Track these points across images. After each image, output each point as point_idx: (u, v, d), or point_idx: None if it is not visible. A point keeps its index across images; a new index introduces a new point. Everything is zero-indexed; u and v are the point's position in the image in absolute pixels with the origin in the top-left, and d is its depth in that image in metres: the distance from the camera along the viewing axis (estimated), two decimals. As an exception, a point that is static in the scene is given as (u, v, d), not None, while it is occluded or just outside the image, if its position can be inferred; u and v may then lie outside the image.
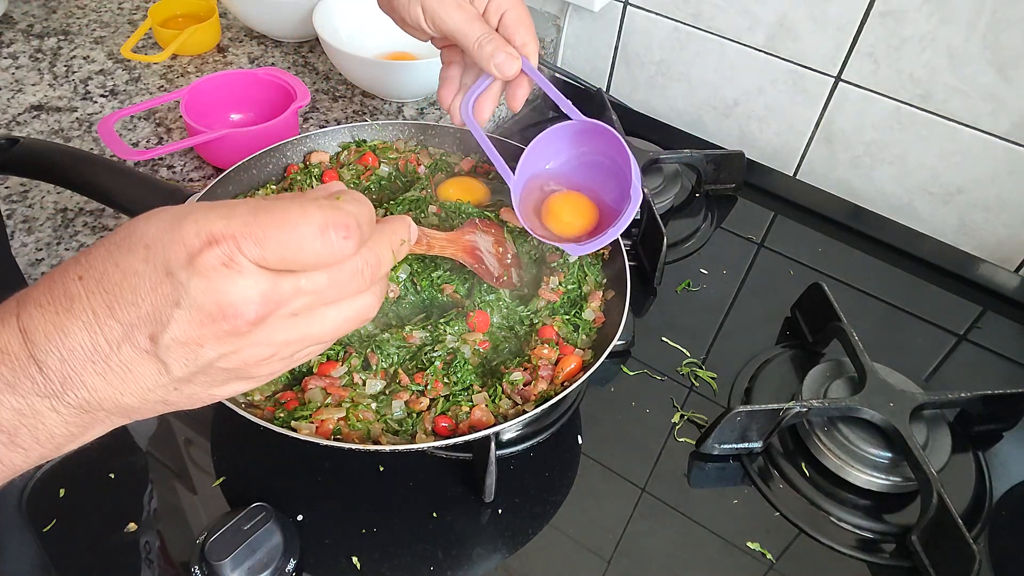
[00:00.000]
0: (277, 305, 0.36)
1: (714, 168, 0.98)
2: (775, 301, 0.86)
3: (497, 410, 0.62)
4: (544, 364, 0.65)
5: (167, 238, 0.35)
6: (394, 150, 0.85)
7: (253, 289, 0.35)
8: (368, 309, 0.41)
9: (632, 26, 1.06)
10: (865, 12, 0.88)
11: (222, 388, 0.39)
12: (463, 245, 0.66)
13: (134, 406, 0.37)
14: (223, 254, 0.34)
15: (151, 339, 0.35)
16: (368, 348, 0.64)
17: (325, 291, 0.38)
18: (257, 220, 0.35)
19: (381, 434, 0.60)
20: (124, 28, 1.15)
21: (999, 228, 0.93)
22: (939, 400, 0.71)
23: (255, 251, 0.35)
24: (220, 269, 0.34)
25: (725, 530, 0.65)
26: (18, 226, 0.82)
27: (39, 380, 0.35)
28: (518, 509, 0.65)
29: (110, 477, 0.64)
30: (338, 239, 0.37)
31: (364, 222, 0.39)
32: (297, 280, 0.36)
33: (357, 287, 0.39)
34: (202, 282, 0.34)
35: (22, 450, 0.36)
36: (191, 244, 0.34)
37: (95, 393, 0.36)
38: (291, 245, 0.35)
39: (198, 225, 0.34)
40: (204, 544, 0.54)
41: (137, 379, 0.36)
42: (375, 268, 0.40)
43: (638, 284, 0.85)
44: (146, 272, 0.34)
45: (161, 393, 0.37)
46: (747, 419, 0.68)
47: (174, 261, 0.34)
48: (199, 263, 0.34)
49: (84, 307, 0.35)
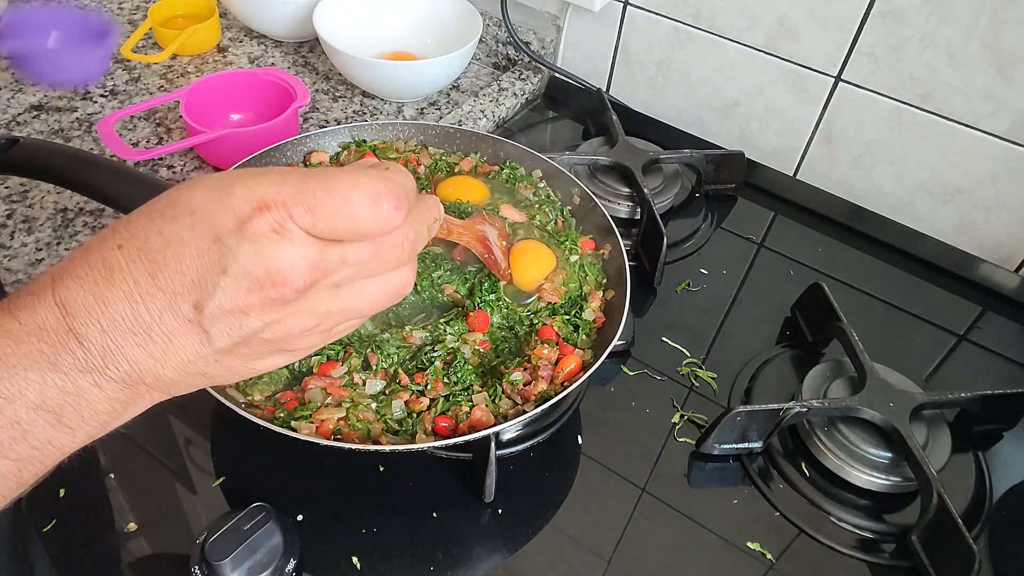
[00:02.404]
0: (324, 274, 0.35)
1: (714, 168, 0.98)
2: (775, 301, 0.86)
3: (497, 410, 0.62)
4: (544, 364, 0.65)
5: (215, 204, 0.34)
6: (394, 150, 0.85)
7: (303, 257, 0.34)
8: (405, 285, 0.41)
9: (632, 26, 1.06)
10: (865, 12, 0.88)
11: (261, 361, 0.39)
12: (476, 233, 0.67)
13: (174, 379, 0.37)
14: (274, 220, 0.34)
15: (195, 308, 0.34)
16: (368, 348, 0.64)
17: (368, 263, 0.37)
18: (309, 187, 0.34)
19: (381, 434, 0.60)
20: (124, 28, 1.15)
21: (999, 228, 0.93)
22: (939, 400, 0.71)
23: (306, 219, 0.34)
24: (271, 235, 0.34)
25: (725, 530, 0.65)
26: (18, 226, 0.82)
27: (80, 355, 0.34)
28: (518, 509, 0.65)
29: (110, 477, 0.64)
30: (389, 209, 0.36)
31: (412, 194, 0.38)
32: (344, 250, 0.36)
33: (397, 260, 0.39)
34: (252, 248, 0.33)
35: (69, 429, 0.36)
36: (241, 210, 0.33)
37: (136, 366, 0.35)
38: (343, 213, 0.35)
39: (248, 191, 0.34)
40: (204, 544, 0.54)
41: (179, 350, 0.35)
42: (414, 242, 0.40)
43: (638, 284, 0.85)
44: (192, 239, 0.34)
45: (201, 365, 0.36)
46: (747, 419, 0.68)
47: (223, 227, 0.33)
48: (249, 229, 0.33)
49: (125, 277, 0.34)
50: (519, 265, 0.72)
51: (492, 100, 1.08)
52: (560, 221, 0.81)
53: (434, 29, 1.11)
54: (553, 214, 0.80)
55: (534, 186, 0.83)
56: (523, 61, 1.16)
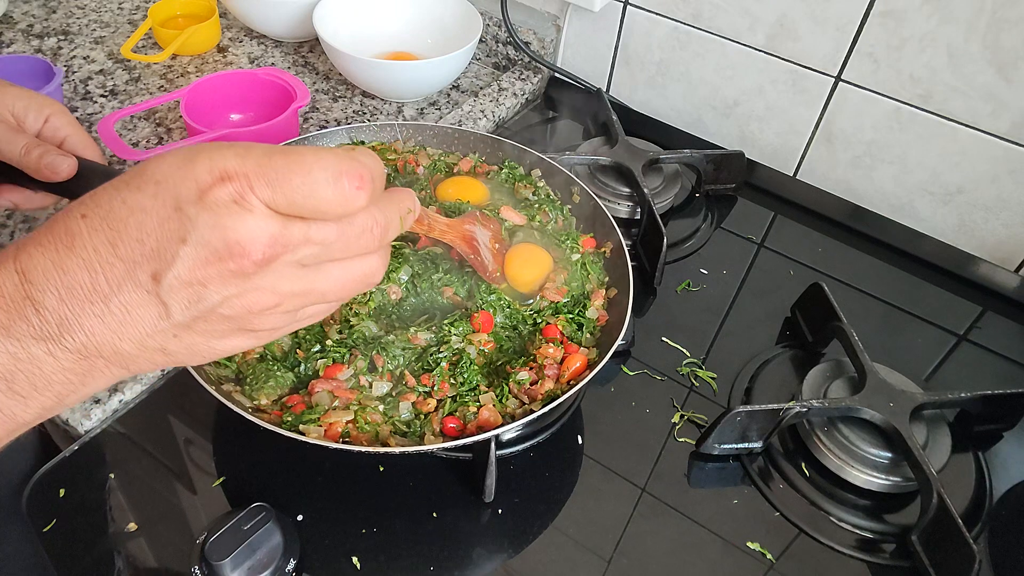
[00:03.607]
0: (284, 249, 0.35)
1: (714, 168, 0.98)
2: (775, 301, 0.86)
3: (504, 410, 0.62)
4: (550, 363, 0.66)
5: (179, 174, 0.34)
6: (392, 151, 0.85)
7: (262, 229, 0.34)
8: (374, 273, 0.41)
9: (632, 26, 1.06)
10: (865, 12, 0.88)
11: (223, 341, 0.38)
12: (462, 233, 0.67)
13: (132, 353, 0.36)
14: (235, 191, 0.34)
15: (154, 278, 0.34)
16: (373, 350, 0.64)
17: (334, 244, 0.37)
18: (272, 162, 0.34)
19: (389, 436, 0.60)
20: (124, 28, 1.15)
21: (999, 228, 0.93)
22: (939, 400, 0.71)
23: (266, 192, 0.34)
24: (230, 206, 0.34)
25: (725, 530, 0.65)
26: (18, 226, 0.82)
27: (35, 322, 0.34)
28: (518, 509, 0.65)
29: (110, 477, 0.64)
30: (351, 188, 0.36)
31: (377, 176, 0.38)
32: (307, 228, 0.36)
33: (365, 245, 0.39)
34: (211, 218, 0.33)
35: (21, 398, 0.35)
36: (203, 180, 0.33)
37: (93, 337, 0.35)
38: (303, 189, 0.35)
39: (212, 162, 0.34)
40: (204, 544, 0.54)
41: (136, 322, 0.35)
42: (384, 229, 0.39)
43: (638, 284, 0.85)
44: (154, 208, 0.34)
45: (160, 340, 0.36)
46: (747, 419, 0.68)
47: (184, 196, 0.33)
48: (209, 199, 0.33)
49: (85, 244, 0.34)
50: (516, 268, 0.72)
51: (492, 100, 1.08)
52: (560, 220, 0.81)
53: (434, 29, 1.11)
54: (553, 213, 0.80)
55: (533, 185, 0.83)
56: (523, 61, 1.16)
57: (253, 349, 0.65)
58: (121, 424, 0.67)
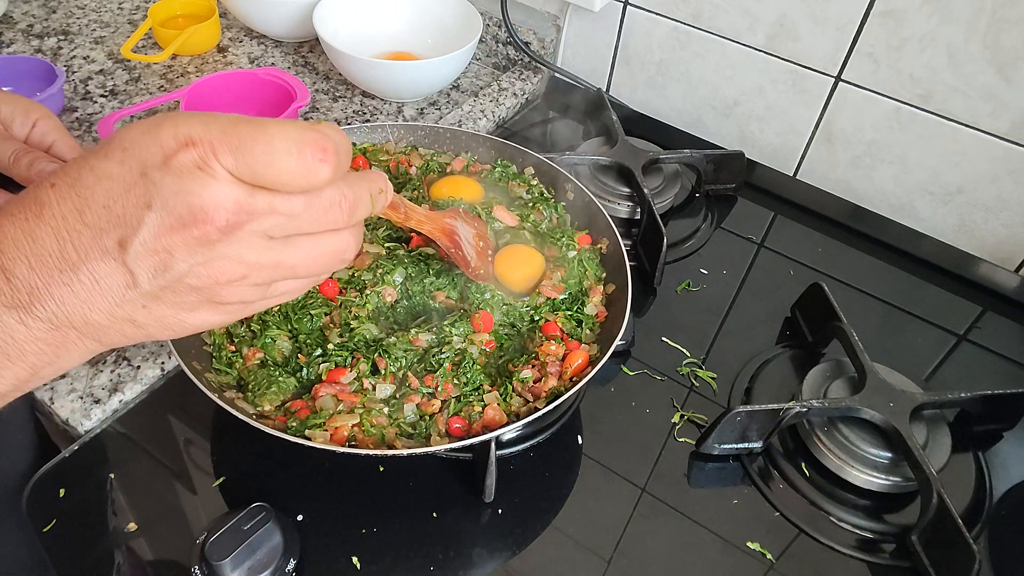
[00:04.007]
0: (249, 217, 0.35)
1: (714, 168, 0.98)
2: (775, 301, 0.86)
3: (509, 408, 0.63)
4: (552, 361, 0.66)
5: (145, 140, 0.34)
6: (385, 152, 0.84)
7: (226, 195, 0.34)
8: (344, 249, 0.41)
9: (632, 26, 1.06)
10: (865, 12, 0.88)
11: (192, 314, 0.38)
12: (441, 225, 0.66)
13: (102, 323, 0.36)
14: (198, 157, 0.34)
15: (120, 245, 0.34)
16: (375, 353, 0.64)
17: (301, 216, 0.37)
18: (236, 130, 0.35)
19: (395, 438, 0.60)
20: (124, 28, 1.15)
21: (999, 228, 0.93)
22: (939, 400, 0.71)
23: (230, 160, 0.34)
24: (194, 171, 0.34)
25: (725, 530, 0.65)
26: (18, 226, 0.82)
27: (6, 291, 0.34)
28: (518, 509, 0.65)
29: (110, 477, 0.64)
30: (314, 159, 0.36)
31: (342, 150, 0.38)
32: (273, 198, 0.36)
33: (333, 220, 0.39)
34: (175, 183, 0.34)
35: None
36: (168, 145, 0.34)
37: (63, 307, 0.35)
38: (265, 159, 0.35)
39: (176, 128, 0.34)
40: (204, 544, 0.54)
41: (105, 291, 0.35)
42: (352, 205, 0.39)
43: (638, 284, 0.85)
44: (120, 174, 0.34)
45: (129, 310, 0.36)
46: (747, 419, 0.68)
47: (150, 162, 0.34)
48: (173, 164, 0.34)
49: (54, 212, 0.34)
50: (507, 269, 0.72)
51: (492, 100, 1.08)
52: (555, 218, 0.81)
53: (434, 29, 1.11)
54: (547, 212, 0.80)
55: (527, 184, 0.83)
56: (523, 61, 1.16)
57: (252, 354, 0.65)
58: (121, 424, 0.67)
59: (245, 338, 0.66)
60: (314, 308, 0.67)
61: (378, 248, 0.72)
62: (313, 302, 0.67)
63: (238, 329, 0.66)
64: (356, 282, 0.69)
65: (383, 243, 0.73)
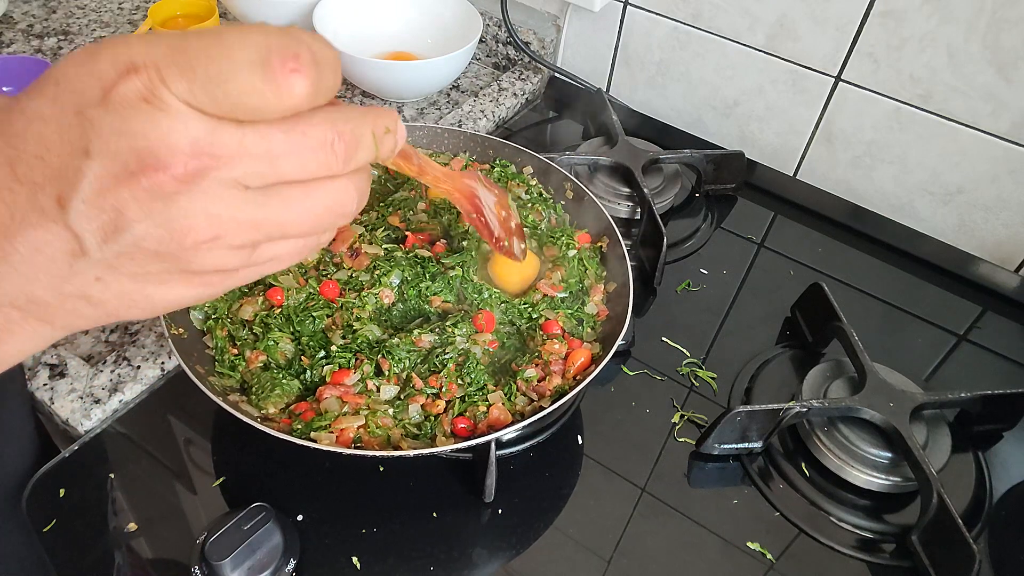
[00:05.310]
0: (214, 161, 0.28)
1: (714, 168, 0.98)
2: (775, 301, 0.86)
3: (514, 408, 0.63)
4: (555, 359, 0.66)
5: (81, 71, 0.27)
6: None
7: (180, 133, 0.27)
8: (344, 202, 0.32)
9: (632, 26, 1.06)
10: (865, 12, 0.88)
11: (162, 288, 0.31)
12: (461, 187, 0.58)
13: (49, 301, 0.30)
14: (143, 86, 0.27)
15: (59, 203, 0.27)
16: (379, 354, 0.64)
17: (282, 159, 0.29)
18: (187, 46, 0.27)
19: (401, 439, 0.60)
20: (124, 28, 1.15)
21: (999, 228, 0.93)
22: (939, 400, 0.71)
23: (181, 85, 0.27)
24: (139, 105, 0.27)
25: (725, 530, 0.65)
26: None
27: None
28: (518, 509, 0.65)
29: (110, 477, 0.64)
30: (283, 71, 0.28)
31: (322, 59, 0.29)
32: (242, 133, 0.28)
33: (326, 163, 0.31)
34: (116, 121, 0.27)
35: None
36: (106, 75, 0.27)
37: (1, 282, 0.29)
38: (222, 76, 0.27)
39: (116, 53, 0.27)
40: (204, 544, 0.54)
41: (48, 262, 0.28)
42: (350, 144, 0.31)
43: (638, 284, 0.85)
44: (53, 115, 0.27)
45: (80, 284, 0.29)
46: (747, 419, 0.68)
47: (86, 96, 0.27)
48: (113, 97, 0.27)
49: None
50: (502, 272, 0.72)
51: (492, 100, 1.08)
52: (554, 218, 0.81)
53: (434, 29, 1.11)
54: (547, 212, 0.80)
55: (526, 183, 0.83)
56: (523, 61, 1.16)
57: (255, 357, 0.64)
58: (121, 424, 0.67)
59: (248, 341, 0.66)
60: (316, 310, 0.67)
61: (376, 249, 0.72)
62: (315, 304, 0.67)
63: (240, 332, 0.66)
64: (354, 283, 0.69)
65: (382, 244, 0.72)
